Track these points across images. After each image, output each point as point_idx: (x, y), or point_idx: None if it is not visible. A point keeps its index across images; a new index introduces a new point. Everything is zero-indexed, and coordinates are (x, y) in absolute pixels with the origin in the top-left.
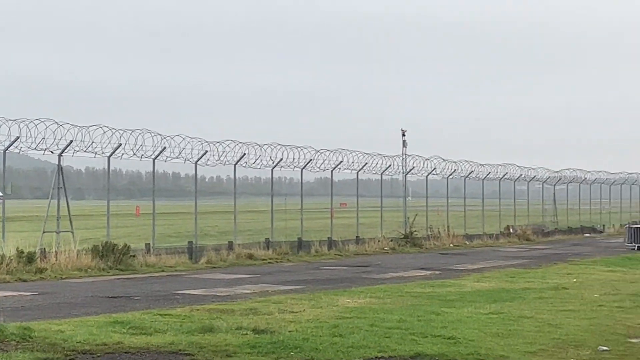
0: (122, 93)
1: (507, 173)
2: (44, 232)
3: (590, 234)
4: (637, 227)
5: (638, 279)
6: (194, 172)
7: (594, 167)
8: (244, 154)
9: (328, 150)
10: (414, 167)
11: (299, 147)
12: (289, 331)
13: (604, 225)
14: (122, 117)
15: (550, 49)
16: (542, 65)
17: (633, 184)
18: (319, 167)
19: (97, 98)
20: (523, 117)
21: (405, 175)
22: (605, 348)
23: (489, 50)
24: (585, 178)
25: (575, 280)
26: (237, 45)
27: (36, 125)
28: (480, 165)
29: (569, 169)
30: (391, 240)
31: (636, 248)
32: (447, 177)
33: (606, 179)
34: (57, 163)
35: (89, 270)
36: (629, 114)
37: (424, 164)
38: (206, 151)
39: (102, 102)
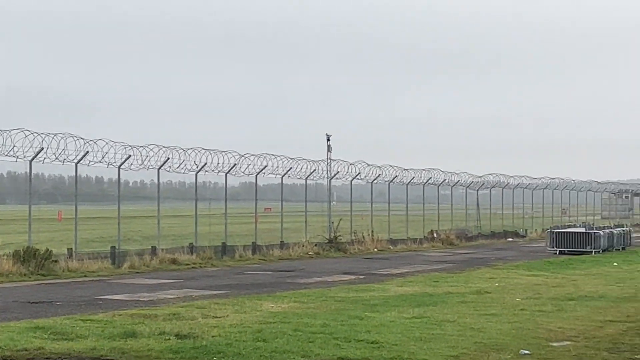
0: (43, 97)
1: (431, 178)
2: None
3: (512, 238)
4: (558, 232)
5: (559, 283)
6: (117, 176)
7: (517, 172)
8: (168, 158)
9: (252, 155)
10: (338, 171)
11: (223, 151)
12: (212, 336)
13: (526, 230)
14: (44, 121)
15: (478, 54)
16: (468, 70)
17: (555, 189)
18: (243, 172)
19: (17, 102)
20: (448, 122)
21: (329, 180)
22: (526, 352)
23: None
24: (508, 183)
25: (497, 284)
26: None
27: None
28: (405, 170)
29: (492, 174)
30: (315, 245)
31: (558, 252)
32: (372, 182)
33: (528, 183)
34: None
35: (10, 275)
36: (551, 120)
37: (348, 168)
38: (129, 155)
39: (22, 106)
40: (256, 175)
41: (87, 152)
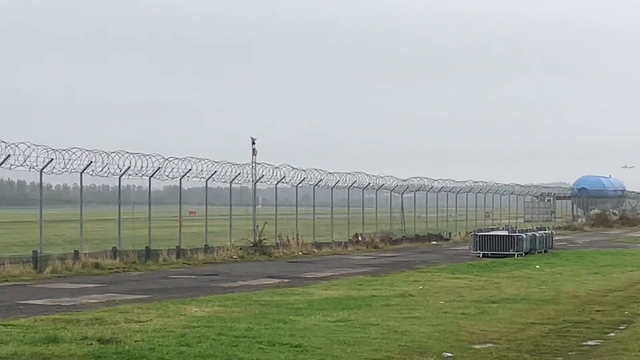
0: None
1: (356, 181)
2: None
3: (437, 241)
4: (482, 235)
5: (482, 285)
6: (39, 180)
7: (441, 175)
8: (91, 162)
9: (177, 159)
10: (263, 175)
11: (147, 155)
12: (135, 341)
13: (450, 233)
14: None
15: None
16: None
17: (479, 192)
18: (167, 175)
19: None
20: (373, 126)
21: (254, 184)
22: (449, 354)
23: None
24: (432, 186)
25: (421, 287)
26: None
27: None
28: (330, 173)
29: (416, 178)
30: (240, 249)
31: (481, 255)
32: (297, 186)
33: (453, 187)
34: None
35: None
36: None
37: (273, 172)
38: (52, 159)
39: None
40: (180, 179)
41: (9, 155)
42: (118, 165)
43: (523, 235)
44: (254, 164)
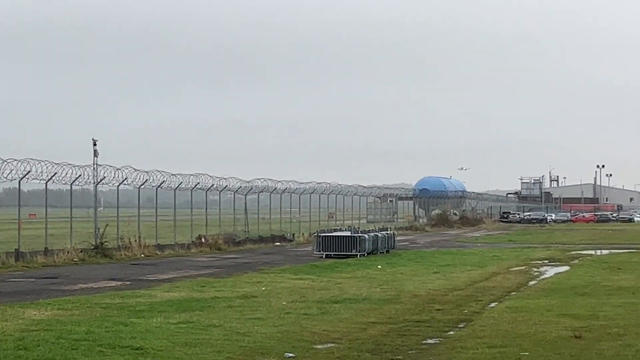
0: None
1: (199, 183)
2: None
3: (280, 242)
4: (325, 235)
5: (325, 286)
6: None
7: (285, 177)
8: None
9: (15, 160)
10: (105, 177)
11: None
12: None
13: (294, 234)
14: None
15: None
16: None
17: (322, 194)
18: (5, 177)
19: None
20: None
21: (95, 186)
22: (291, 355)
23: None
24: (276, 187)
25: (264, 288)
26: None
27: None
28: (173, 175)
29: (260, 179)
30: (81, 252)
31: (324, 256)
32: (139, 187)
33: (296, 188)
34: None
35: None
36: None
37: (115, 173)
38: None
39: None
40: (19, 181)
41: None
42: None
43: (365, 235)
44: (95, 166)
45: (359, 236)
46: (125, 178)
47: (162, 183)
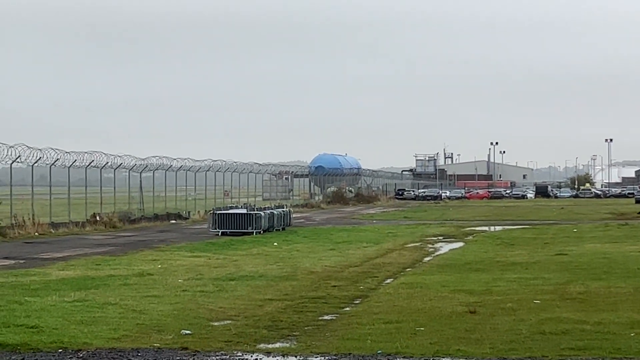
0: None
1: (93, 161)
2: None
3: (176, 220)
4: (221, 213)
5: (221, 263)
6: None
7: (180, 154)
8: None
9: None
10: None
11: None
12: None
13: (189, 212)
14: None
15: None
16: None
17: (217, 171)
18: None
19: None
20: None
21: None
22: (187, 332)
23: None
24: (171, 165)
25: (160, 266)
26: None
27: None
28: (67, 152)
29: (155, 157)
30: None
31: (220, 234)
32: (33, 165)
33: (191, 166)
34: None
35: None
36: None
37: (8, 151)
38: None
39: None
40: None
41: None
42: None
43: (261, 213)
44: None
45: (255, 214)
46: (19, 156)
47: (56, 161)
